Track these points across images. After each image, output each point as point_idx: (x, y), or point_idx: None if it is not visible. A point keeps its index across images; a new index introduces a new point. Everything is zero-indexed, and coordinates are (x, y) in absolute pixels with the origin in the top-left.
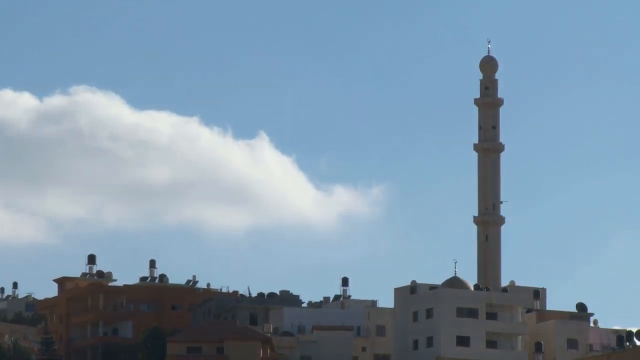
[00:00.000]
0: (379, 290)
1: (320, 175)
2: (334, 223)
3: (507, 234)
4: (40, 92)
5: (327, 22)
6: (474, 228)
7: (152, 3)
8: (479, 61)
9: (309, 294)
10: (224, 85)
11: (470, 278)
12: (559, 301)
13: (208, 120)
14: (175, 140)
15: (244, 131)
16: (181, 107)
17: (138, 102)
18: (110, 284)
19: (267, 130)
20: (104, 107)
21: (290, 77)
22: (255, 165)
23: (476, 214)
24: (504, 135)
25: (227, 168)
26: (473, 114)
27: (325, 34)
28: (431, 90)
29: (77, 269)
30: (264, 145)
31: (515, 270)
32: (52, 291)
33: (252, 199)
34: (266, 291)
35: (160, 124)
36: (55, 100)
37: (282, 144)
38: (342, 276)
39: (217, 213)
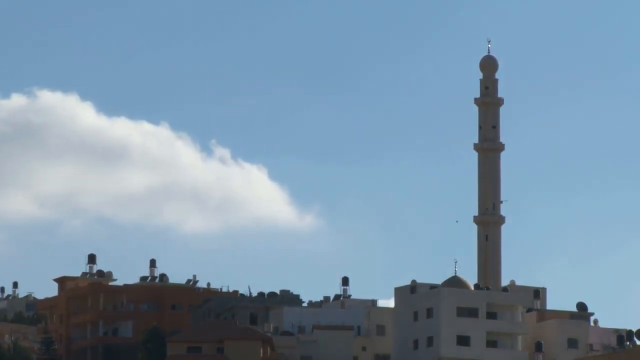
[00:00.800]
0: (379, 290)
1: (314, 175)
2: (326, 225)
3: (507, 234)
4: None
5: (322, 21)
6: (474, 228)
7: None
8: (479, 61)
9: (309, 294)
10: (190, 92)
11: (470, 278)
12: (559, 301)
13: (174, 127)
14: (144, 147)
15: (209, 138)
16: (148, 114)
17: (104, 107)
18: (110, 283)
19: (241, 137)
20: (66, 109)
21: (282, 77)
22: (227, 171)
23: (476, 214)
24: (504, 135)
25: (197, 174)
26: (473, 114)
27: (320, 34)
28: (431, 90)
29: (77, 268)
30: (238, 152)
31: (515, 270)
32: (52, 291)
33: (226, 204)
34: (266, 291)
35: (127, 130)
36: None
37: (262, 149)
38: (342, 276)
39: (193, 217)
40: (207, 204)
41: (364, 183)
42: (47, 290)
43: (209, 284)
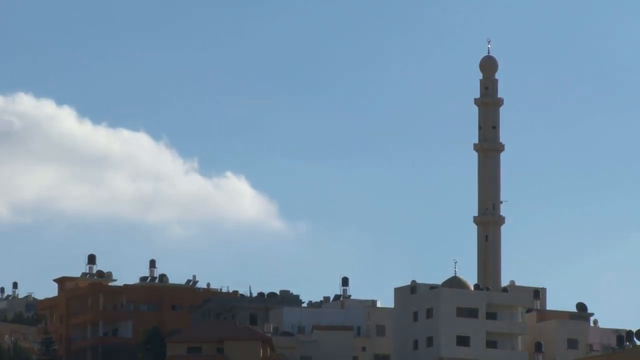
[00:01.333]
0: (379, 290)
1: (316, 176)
2: (326, 227)
3: (507, 234)
4: None
5: (320, 21)
6: (474, 228)
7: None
8: (479, 61)
9: (309, 294)
10: (170, 98)
11: (470, 278)
12: (559, 301)
13: (152, 133)
14: (126, 153)
15: (192, 145)
16: (127, 121)
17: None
18: (110, 284)
19: (235, 140)
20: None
21: (276, 78)
22: (215, 178)
23: (476, 214)
24: (504, 135)
25: (183, 182)
26: (473, 114)
27: (320, 33)
28: (431, 90)
29: (77, 269)
30: (219, 163)
31: (515, 270)
32: (52, 291)
33: (220, 208)
34: (266, 291)
35: (108, 136)
36: None
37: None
38: (342, 276)
39: (188, 220)
40: (202, 207)
41: (363, 183)
42: (47, 290)
43: (209, 284)
